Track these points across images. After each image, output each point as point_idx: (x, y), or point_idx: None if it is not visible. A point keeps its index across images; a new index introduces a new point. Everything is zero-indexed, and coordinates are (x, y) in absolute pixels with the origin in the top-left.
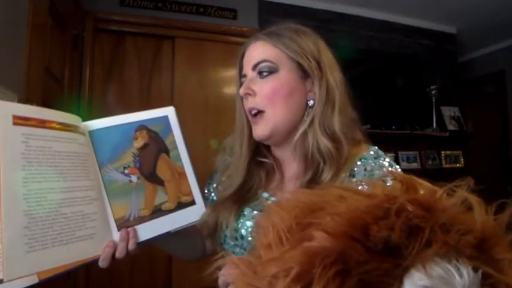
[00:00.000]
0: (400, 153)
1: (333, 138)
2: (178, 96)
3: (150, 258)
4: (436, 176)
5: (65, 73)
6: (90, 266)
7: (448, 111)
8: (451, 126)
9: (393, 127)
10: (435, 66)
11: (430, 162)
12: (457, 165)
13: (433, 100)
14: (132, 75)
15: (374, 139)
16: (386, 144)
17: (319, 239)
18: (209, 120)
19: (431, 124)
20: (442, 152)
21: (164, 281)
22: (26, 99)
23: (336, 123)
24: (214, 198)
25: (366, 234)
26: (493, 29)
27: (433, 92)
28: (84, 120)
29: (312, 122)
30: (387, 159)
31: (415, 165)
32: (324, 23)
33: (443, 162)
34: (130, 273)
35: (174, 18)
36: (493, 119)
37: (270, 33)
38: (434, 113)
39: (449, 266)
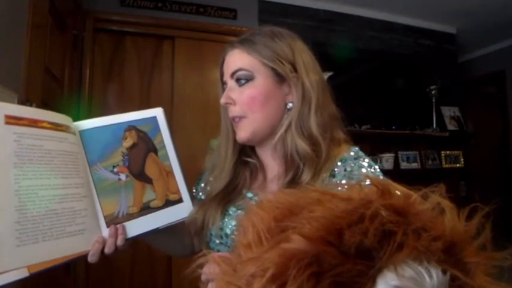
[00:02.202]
0: (400, 153)
1: (310, 140)
2: (178, 96)
3: (150, 258)
4: (436, 176)
5: (65, 73)
6: (91, 265)
7: (448, 111)
8: (451, 126)
9: (393, 127)
10: (435, 66)
11: (430, 162)
12: (457, 165)
13: (433, 100)
14: (132, 75)
15: (374, 139)
16: (387, 144)
17: (296, 242)
18: (209, 120)
19: (431, 124)
20: (442, 152)
21: (164, 281)
22: (26, 99)
23: (313, 125)
24: (202, 197)
25: (340, 238)
26: (493, 29)
27: (433, 92)
28: (84, 120)
29: (289, 125)
30: (367, 160)
31: (415, 165)
32: (324, 23)
33: (443, 162)
34: (130, 273)
35: (174, 18)
36: (493, 119)
37: (244, 40)
38: (434, 113)
39: (420, 268)
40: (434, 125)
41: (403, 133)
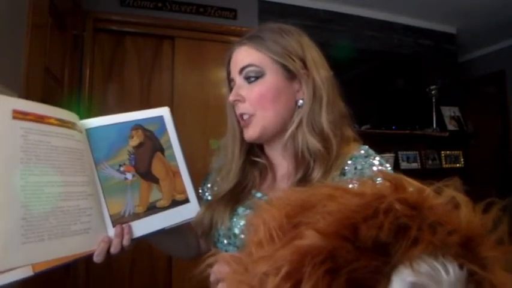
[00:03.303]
0: (400, 153)
1: (321, 136)
2: (178, 96)
3: (151, 258)
4: (436, 176)
5: (65, 73)
6: (91, 265)
7: (448, 111)
8: (451, 126)
9: (393, 127)
10: (435, 66)
11: (430, 162)
12: (457, 165)
13: (433, 100)
14: (132, 75)
15: (374, 139)
16: (387, 144)
17: (310, 238)
18: (209, 120)
19: (431, 124)
20: (442, 152)
21: (164, 281)
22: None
23: (324, 121)
24: (209, 197)
25: (356, 233)
26: (493, 29)
27: (433, 92)
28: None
29: (300, 122)
30: (377, 158)
31: (415, 165)
32: (324, 23)
33: (443, 162)
34: (130, 273)
35: (174, 18)
36: (493, 119)
37: (252, 37)
38: (434, 113)
39: (436, 263)
40: (434, 125)
41: (403, 133)
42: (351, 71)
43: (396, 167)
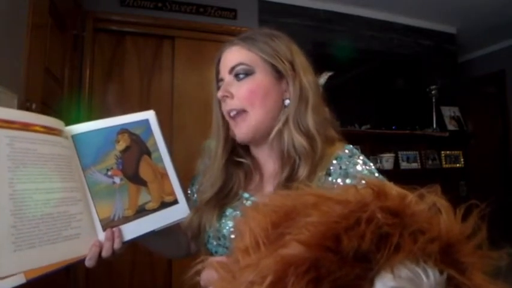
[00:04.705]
0: (400, 153)
1: (307, 135)
2: (178, 96)
3: (150, 260)
4: (436, 176)
5: (65, 73)
6: (90, 268)
7: (448, 111)
8: (451, 126)
9: (393, 127)
10: (435, 66)
11: (430, 162)
12: (457, 165)
13: (433, 100)
14: (132, 75)
15: (374, 139)
16: (386, 144)
17: (294, 248)
18: (209, 120)
19: (431, 124)
20: (442, 152)
21: (164, 281)
22: (26, 100)
23: (310, 121)
24: (198, 199)
25: (338, 243)
26: (493, 29)
27: (433, 92)
28: (84, 120)
29: (286, 121)
30: (361, 158)
31: (415, 165)
32: (324, 23)
33: (443, 162)
34: (130, 274)
35: (174, 18)
36: (493, 119)
37: (244, 38)
38: (434, 113)
39: (417, 269)
40: (434, 125)
41: (403, 133)
42: (351, 71)
43: (396, 167)
